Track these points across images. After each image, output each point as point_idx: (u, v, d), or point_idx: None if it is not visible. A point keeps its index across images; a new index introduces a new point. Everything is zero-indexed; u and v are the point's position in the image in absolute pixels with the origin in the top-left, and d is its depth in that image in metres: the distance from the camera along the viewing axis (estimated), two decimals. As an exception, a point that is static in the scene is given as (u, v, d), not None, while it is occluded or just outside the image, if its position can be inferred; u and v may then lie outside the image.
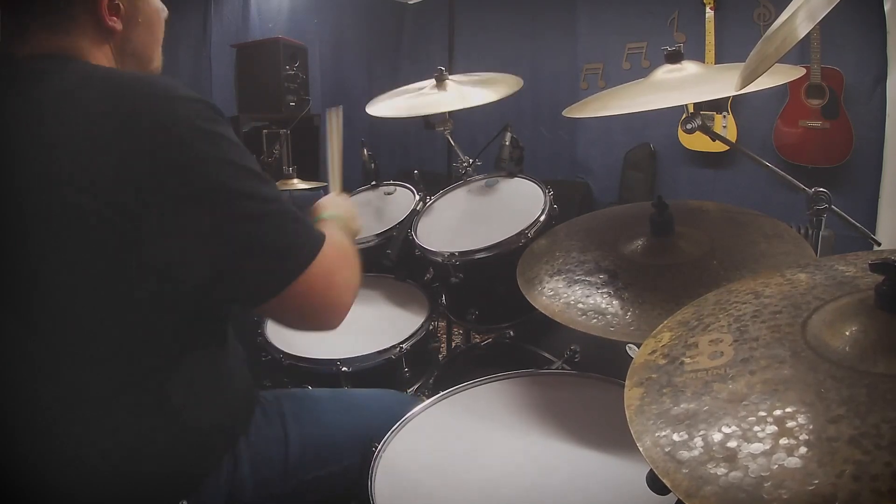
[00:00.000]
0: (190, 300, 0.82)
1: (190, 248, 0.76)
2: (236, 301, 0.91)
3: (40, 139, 0.73)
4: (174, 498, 0.86)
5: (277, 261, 0.82)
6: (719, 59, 3.39)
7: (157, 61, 0.97)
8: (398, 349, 1.49)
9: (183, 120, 0.76)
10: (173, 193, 0.74)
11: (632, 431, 0.60)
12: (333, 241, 0.90)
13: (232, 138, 0.80)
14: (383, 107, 1.91)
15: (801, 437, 0.51)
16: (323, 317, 0.90)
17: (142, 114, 0.74)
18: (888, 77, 2.88)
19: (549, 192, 1.64)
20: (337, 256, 0.90)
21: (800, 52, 2.97)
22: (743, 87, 0.85)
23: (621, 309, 1.08)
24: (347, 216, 1.17)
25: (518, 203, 1.66)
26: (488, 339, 1.84)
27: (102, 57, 0.87)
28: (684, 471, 0.53)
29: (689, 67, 1.15)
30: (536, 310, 1.17)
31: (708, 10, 3.38)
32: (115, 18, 0.86)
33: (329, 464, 1.05)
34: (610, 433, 0.99)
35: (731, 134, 3.38)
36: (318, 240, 0.86)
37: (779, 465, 0.50)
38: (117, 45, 0.89)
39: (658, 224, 1.21)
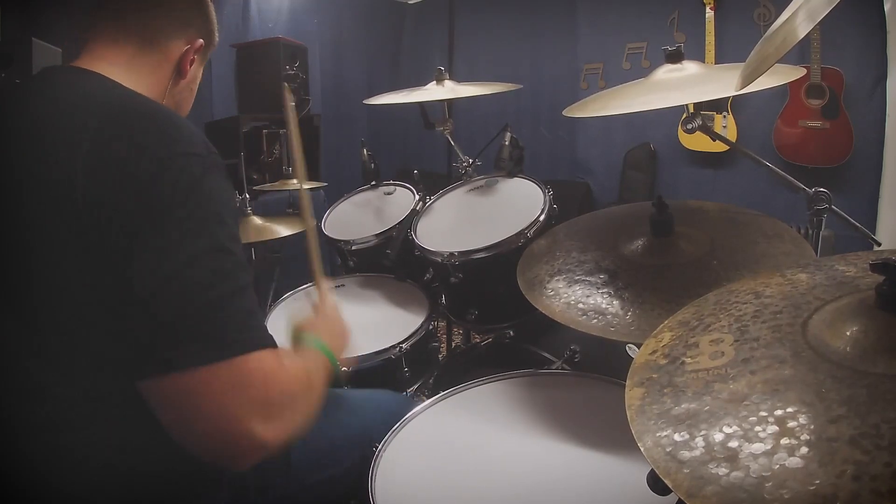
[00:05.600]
0: None
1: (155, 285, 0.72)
2: (131, 359, 0.74)
3: (59, 147, 0.75)
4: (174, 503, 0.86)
5: (192, 338, 0.70)
6: (719, 59, 3.39)
7: None
8: (398, 349, 1.49)
9: (180, 167, 0.75)
10: (148, 226, 0.72)
11: (633, 431, 0.60)
12: (287, 363, 0.78)
13: (222, 197, 0.78)
14: (382, 99, 1.93)
15: (801, 437, 0.51)
16: (210, 437, 0.72)
17: (145, 150, 0.74)
18: (888, 77, 2.88)
19: (549, 192, 1.64)
20: (273, 380, 0.75)
21: (800, 52, 2.97)
22: (743, 87, 0.85)
23: (621, 309, 1.08)
24: (333, 343, 1.00)
25: (518, 203, 1.66)
26: (488, 339, 1.84)
27: (157, 91, 0.94)
28: (685, 471, 0.53)
29: (689, 67, 1.15)
30: (536, 310, 1.17)
31: (708, 10, 3.38)
32: (188, 67, 0.97)
33: (331, 467, 1.05)
34: (610, 433, 0.99)
35: (731, 134, 3.38)
36: (252, 342, 0.73)
37: (780, 465, 0.50)
38: (172, 90, 0.97)
39: (658, 224, 1.21)
